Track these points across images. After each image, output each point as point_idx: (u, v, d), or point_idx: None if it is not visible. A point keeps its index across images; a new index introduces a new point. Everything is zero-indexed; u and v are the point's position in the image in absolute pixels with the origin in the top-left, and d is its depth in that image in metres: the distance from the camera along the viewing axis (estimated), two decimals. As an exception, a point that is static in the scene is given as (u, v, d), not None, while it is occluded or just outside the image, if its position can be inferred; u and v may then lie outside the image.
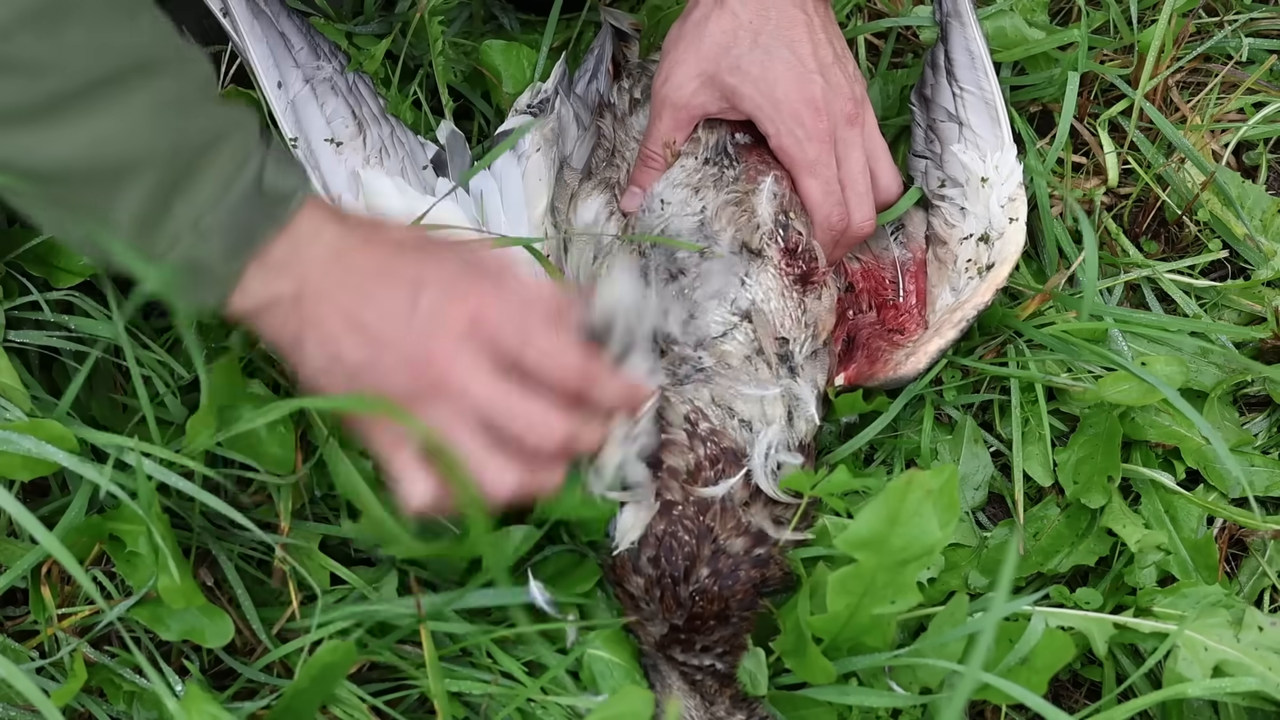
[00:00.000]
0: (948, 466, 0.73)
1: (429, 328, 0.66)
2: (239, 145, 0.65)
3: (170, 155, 0.62)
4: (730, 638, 0.78)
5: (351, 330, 0.66)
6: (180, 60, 0.64)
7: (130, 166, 0.61)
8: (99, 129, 0.60)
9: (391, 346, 0.66)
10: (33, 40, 0.58)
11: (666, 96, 0.90)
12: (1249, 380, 0.96)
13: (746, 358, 0.81)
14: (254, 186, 0.65)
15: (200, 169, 0.63)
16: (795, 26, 0.87)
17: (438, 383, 0.66)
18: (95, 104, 0.60)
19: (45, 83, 0.59)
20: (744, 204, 0.86)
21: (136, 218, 0.62)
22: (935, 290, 0.95)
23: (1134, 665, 0.85)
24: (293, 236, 0.66)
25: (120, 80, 0.60)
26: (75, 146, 0.60)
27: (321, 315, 0.67)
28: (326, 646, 0.73)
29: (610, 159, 0.97)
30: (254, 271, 0.66)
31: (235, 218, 0.64)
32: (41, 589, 0.78)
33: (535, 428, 0.67)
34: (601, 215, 0.90)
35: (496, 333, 0.67)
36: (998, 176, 0.95)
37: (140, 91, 0.61)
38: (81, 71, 0.59)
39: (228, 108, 0.66)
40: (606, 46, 1.05)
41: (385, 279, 0.67)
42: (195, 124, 0.63)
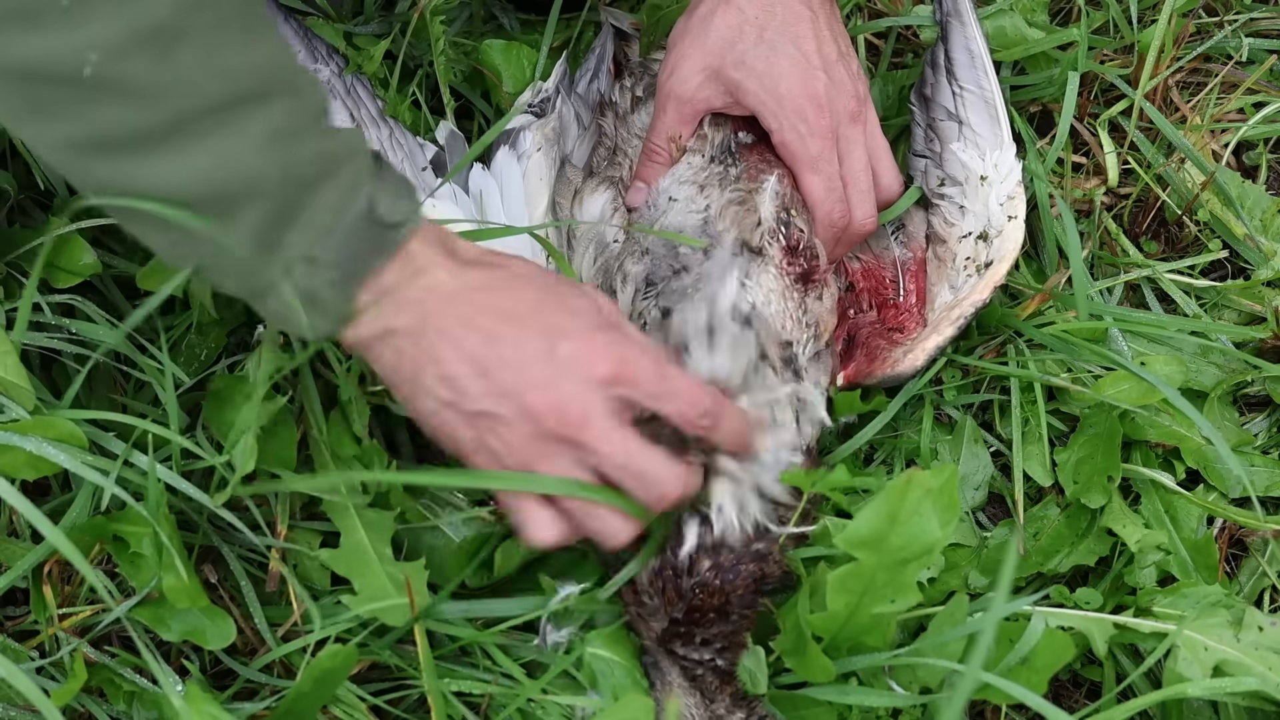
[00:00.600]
0: (948, 466, 0.73)
1: (565, 380, 0.66)
2: (351, 174, 0.64)
3: (282, 183, 0.61)
4: (730, 634, 0.78)
5: (476, 373, 0.66)
6: (294, 86, 0.63)
7: (243, 195, 0.61)
8: (211, 157, 0.59)
9: (519, 397, 0.65)
10: (147, 63, 0.56)
11: (671, 90, 0.90)
12: (1249, 380, 0.96)
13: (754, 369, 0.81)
14: (365, 215, 0.64)
15: (313, 197, 0.63)
16: (800, 22, 0.87)
17: (566, 438, 0.66)
18: (208, 131, 0.59)
19: (158, 108, 0.58)
20: (747, 203, 0.86)
21: (249, 246, 0.62)
22: (934, 288, 0.95)
23: (1134, 665, 0.85)
24: (406, 267, 0.65)
25: (234, 106, 0.59)
26: (187, 174, 0.59)
27: (441, 354, 0.66)
28: (327, 651, 0.73)
29: (612, 157, 0.97)
30: (368, 301, 0.65)
31: (347, 247, 0.63)
32: (43, 588, 0.78)
33: (655, 491, 0.68)
34: (607, 211, 0.90)
35: (635, 382, 0.67)
36: (997, 175, 0.95)
37: (254, 118, 0.60)
38: (194, 96, 0.58)
39: (340, 135, 0.65)
40: (608, 46, 1.05)
41: (516, 323, 0.67)
42: (308, 152, 0.62)
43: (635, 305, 0.84)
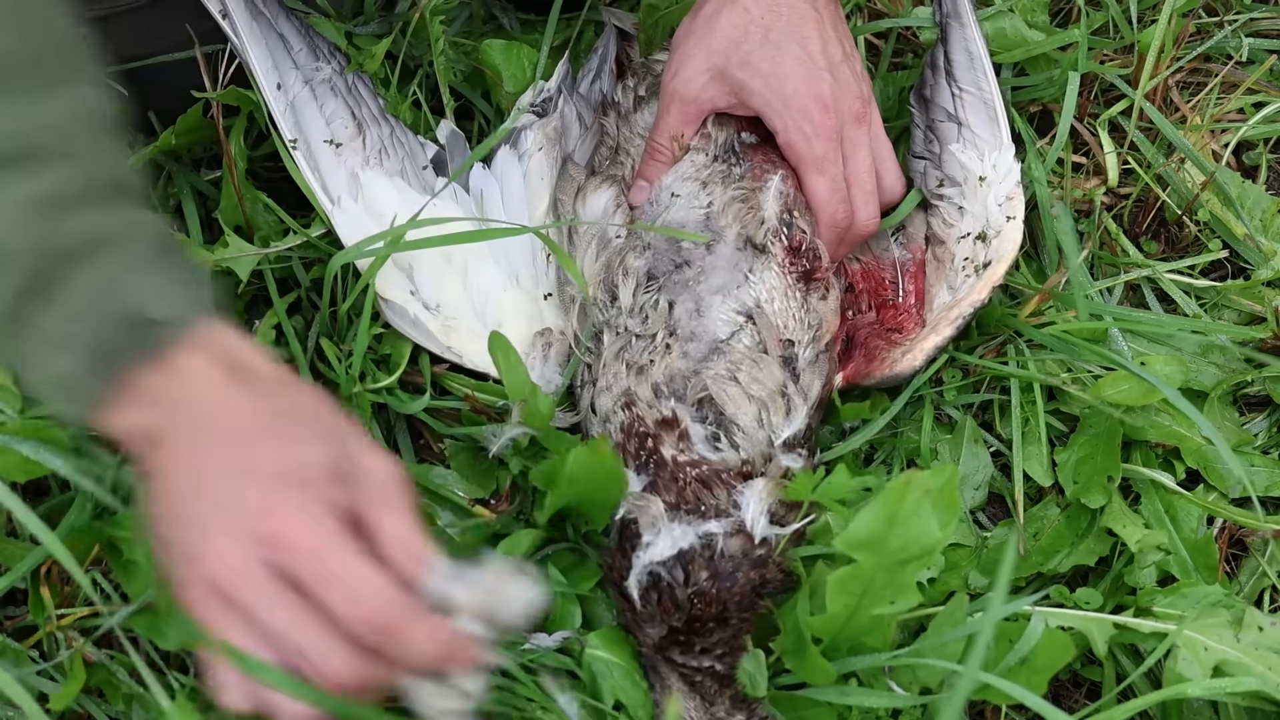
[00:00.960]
0: (947, 466, 0.73)
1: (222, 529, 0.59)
2: (119, 261, 0.60)
3: (35, 256, 0.58)
4: (729, 639, 0.78)
5: (176, 497, 0.61)
6: (81, 154, 0.59)
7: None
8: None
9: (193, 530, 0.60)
10: None
11: (676, 90, 0.90)
12: (1249, 380, 0.96)
13: (753, 361, 0.81)
14: (125, 310, 0.59)
15: (69, 279, 0.58)
16: (806, 23, 0.87)
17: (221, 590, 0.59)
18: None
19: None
20: (750, 201, 0.87)
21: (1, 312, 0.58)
22: (933, 289, 0.95)
23: (1134, 665, 0.85)
24: (168, 371, 0.61)
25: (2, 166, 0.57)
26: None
27: (166, 467, 0.61)
28: None
29: (614, 157, 0.97)
30: (123, 398, 0.61)
31: (99, 339, 0.59)
32: (41, 589, 0.78)
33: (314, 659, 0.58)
34: (610, 208, 0.90)
35: (298, 551, 0.59)
36: (995, 175, 0.95)
37: (19, 184, 0.57)
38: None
39: (122, 215, 0.61)
40: (610, 46, 1.06)
41: (222, 454, 0.61)
42: (75, 227, 0.58)
43: (637, 299, 0.84)
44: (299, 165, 0.89)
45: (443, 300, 0.89)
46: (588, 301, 0.86)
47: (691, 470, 0.78)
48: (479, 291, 0.90)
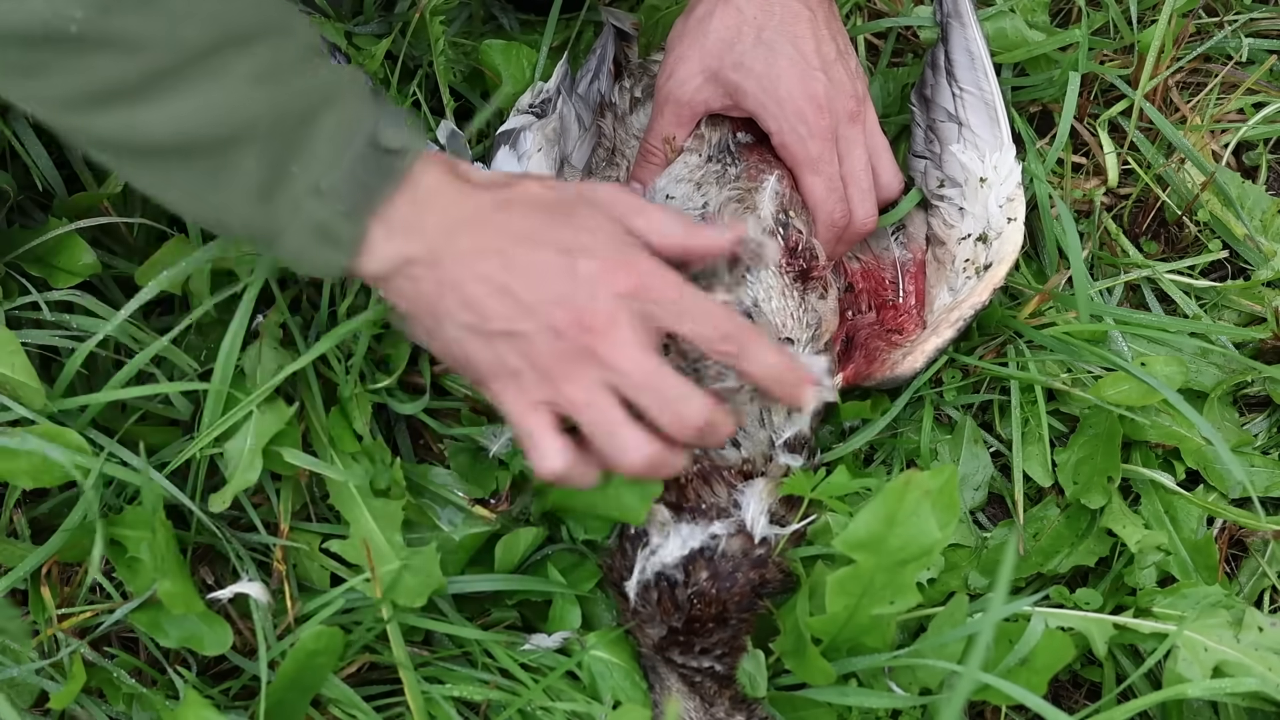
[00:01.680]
0: (947, 467, 0.73)
1: (587, 295, 0.65)
2: (349, 103, 0.64)
3: (276, 120, 0.62)
4: (729, 640, 0.78)
5: (498, 295, 0.66)
6: (280, 26, 0.63)
7: (237, 137, 0.61)
8: (199, 101, 0.60)
9: (542, 313, 0.65)
10: (130, 14, 0.57)
11: (670, 93, 0.90)
12: (1249, 381, 0.96)
13: None
14: (368, 143, 0.64)
15: (310, 133, 0.63)
16: (799, 22, 0.87)
17: (589, 351, 0.66)
18: (194, 77, 0.60)
19: (144, 58, 0.58)
20: (745, 201, 0.86)
21: (254, 187, 0.63)
22: (933, 290, 0.95)
23: (1134, 666, 0.85)
24: (415, 193, 0.66)
25: (218, 51, 0.60)
26: (178, 121, 0.60)
27: (461, 278, 0.66)
28: (310, 633, 0.73)
29: (611, 158, 0.97)
30: (380, 232, 0.65)
31: (353, 176, 0.64)
32: (41, 590, 0.78)
33: (677, 414, 0.67)
34: None
35: (656, 305, 0.66)
36: (996, 176, 0.95)
37: (238, 61, 0.61)
38: (179, 44, 0.59)
39: (333, 70, 0.65)
40: (609, 47, 1.05)
41: (534, 244, 0.66)
42: (298, 90, 0.63)
43: None
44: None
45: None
46: None
47: (693, 466, 0.78)
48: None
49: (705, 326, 0.68)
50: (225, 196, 0.63)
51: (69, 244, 0.83)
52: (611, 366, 0.66)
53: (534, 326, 0.66)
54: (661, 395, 0.67)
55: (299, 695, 0.76)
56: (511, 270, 0.66)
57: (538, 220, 0.68)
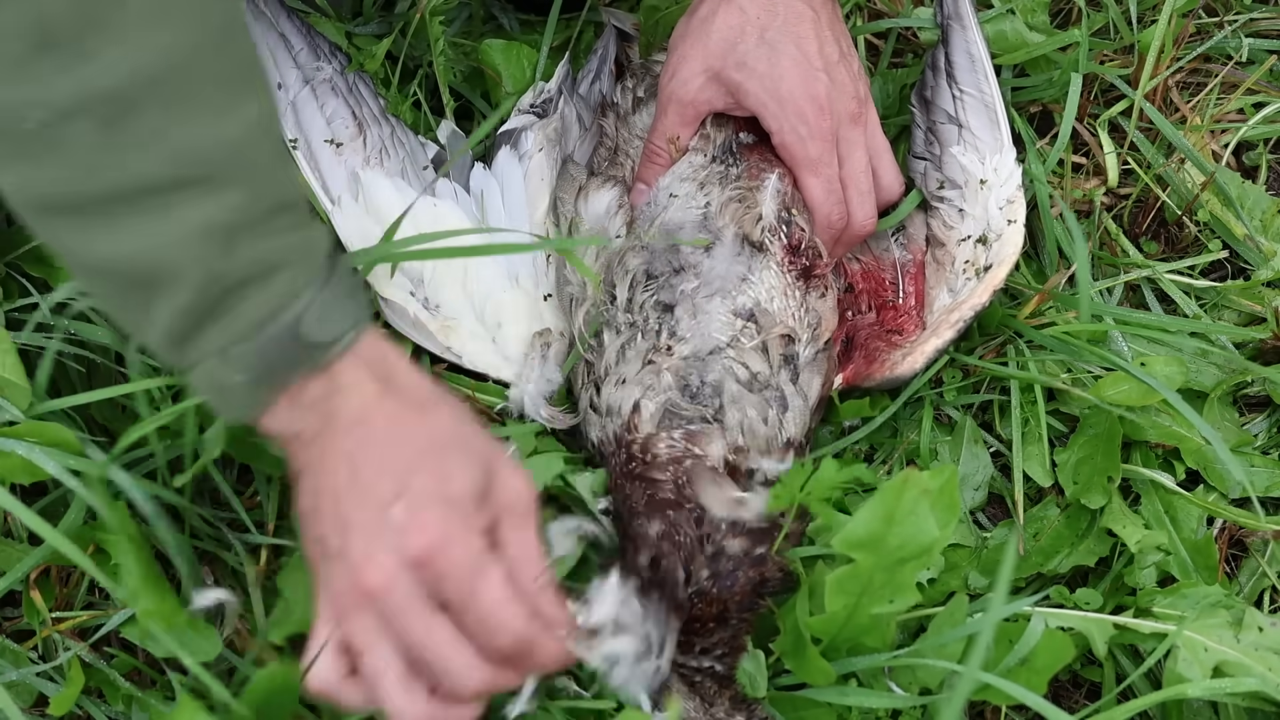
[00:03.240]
0: (947, 467, 0.73)
1: (382, 540, 0.63)
2: (285, 284, 0.62)
3: (206, 283, 0.60)
4: (729, 639, 0.78)
5: (330, 503, 0.65)
6: (256, 176, 0.61)
7: (166, 281, 0.59)
8: (137, 238, 0.58)
9: (346, 540, 0.64)
10: (91, 130, 0.55)
11: (673, 92, 0.90)
12: (1249, 381, 0.96)
13: (753, 360, 0.81)
14: (290, 331, 0.62)
15: (236, 302, 0.61)
16: (802, 22, 0.87)
17: (370, 598, 0.64)
18: (140, 210, 0.57)
19: (94, 179, 0.56)
20: (747, 200, 0.87)
21: (167, 328, 0.61)
22: (933, 291, 0.95)
23: (1134, 666, 0.85)
24: (331, 382, 0.65)
25: (172, 190, 0.57)
26: (112, 250, 0.58)
27: (321, 471, 0.66)
28: (264, 672, 0.70)
29: (613, 158, 0.97)
30: (284, 402, 0.65)
31: (263, 356, 0.62)
32: (32, 593, 0.78)
33: (456, 673, 0.64)
34: (612, 208, 0.90)
35: (446, 573, 0.64)
36: (996, 179, 0.95)
37: (196, 206, 0.58)
38: (134, 174, 0.56)
39: (291, 237, 0.63)
40: (610, 47, 1.06)
41: (383, 470, 0.65)
42: (244, 255, 0.60)
43: (636, 298, 0.84)
44: (299, 164, 0.89)
45: (442, 301, 0.89)
46: (597, 297, 0.86)
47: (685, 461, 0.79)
48: (479, 292, 0.90)
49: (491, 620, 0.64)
50: (139, 326, 0.63)
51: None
52: (392, 625, 0.64)
53: (338, 550, 0.65)
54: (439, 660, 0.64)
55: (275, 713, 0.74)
56: (351, 485, 0.64)
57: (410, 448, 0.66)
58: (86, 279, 0.64)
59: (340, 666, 0.66)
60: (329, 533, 0.65)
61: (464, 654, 0.64)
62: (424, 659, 0.64)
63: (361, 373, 0.66)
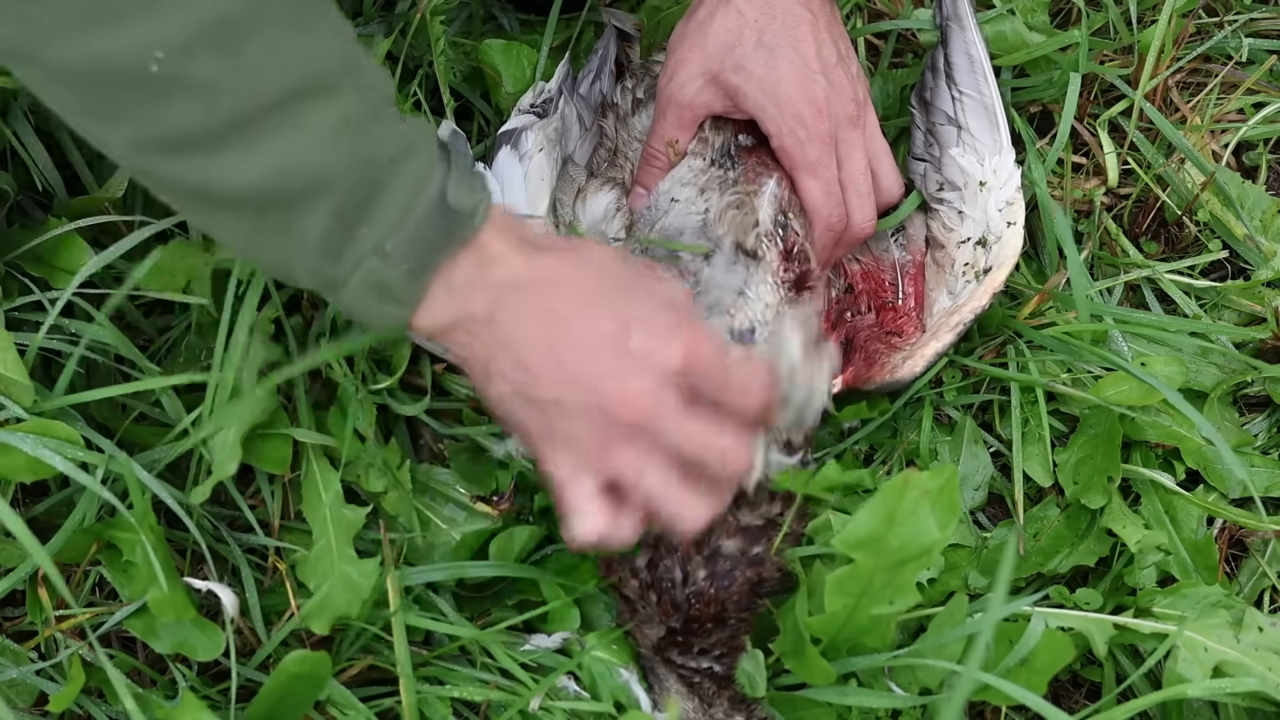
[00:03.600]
0: (947, 467, 0.73)
1: (636, 371, 0.65)
2: (421, 163, 0.63)
3: (352, 177, 0.60)
4: (728, 640, 0.78)
5: (548, 360, 0.65)
6: (359, 76, 0.61)
7: (312, 190, 0.60)
8: (278, 153, 0.58)
9: (592, 385, 0.65)
10: (212, 59, 0.55)
11: (671, 95, 0.90)
12: (1249, 381, 0.96)
13: None
14: (437, 205, 0.63)
15: (383, 189, 0.62)
16: (800, 25, 0.87)
17: (639, 423, 0.65)
18: (275, 126, 0.58)
19: (224, 105, 0.56)
20: (745, 206, 0.86)
21: (320, 241, 0.61)
22: (932, 294, 0.95)
23: (1134, 666, 0.85)
24: (479, 255, 0.65)
25: (300, 100, 0.58)
26: (255, 171, 0.58)
27: (516, 341, 0.65)
28: (294, 656, 0.71)
29: (613, 159, 0.97)
30: (439, 290, 0.65)
31: (419, 237, 0.63)
32: (39, 591, 0.78)
33: (727, 460, 0.67)
34: (611, 210, 0.90)
35: (703, 372, 0.66)
36: (996, 181, 0.95)
37: (320, 112, 0.59)
38: (260, 92, 0.57)
39: (408, 124, 0.64)
40: (611, 47, 1.05)
41: (588, 311, 0.66)
42: (376, 143, 0.61)
43: None
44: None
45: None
46: None
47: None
48: (479, 292, 0.90)
49: (744, 398, 0.68)
50: (290, 249, 0.62)
51: (69, 244, 0.83)
52: (662, 439, 0.66)
53: (582, 399, 0.65)
54: (712, 452, 0.67)
55: (288, 711, 0.75)
56: (563, 338, 0.65)
57: (594, 287, 0.67)
58: (221, 217, 0.62)
59: (606, 513, 0.67)
60: (559, 392, 0.65)
61: (729, 439, 0.67)
62: (698, 458, 0.67)
63: (508, 238, 0.66)
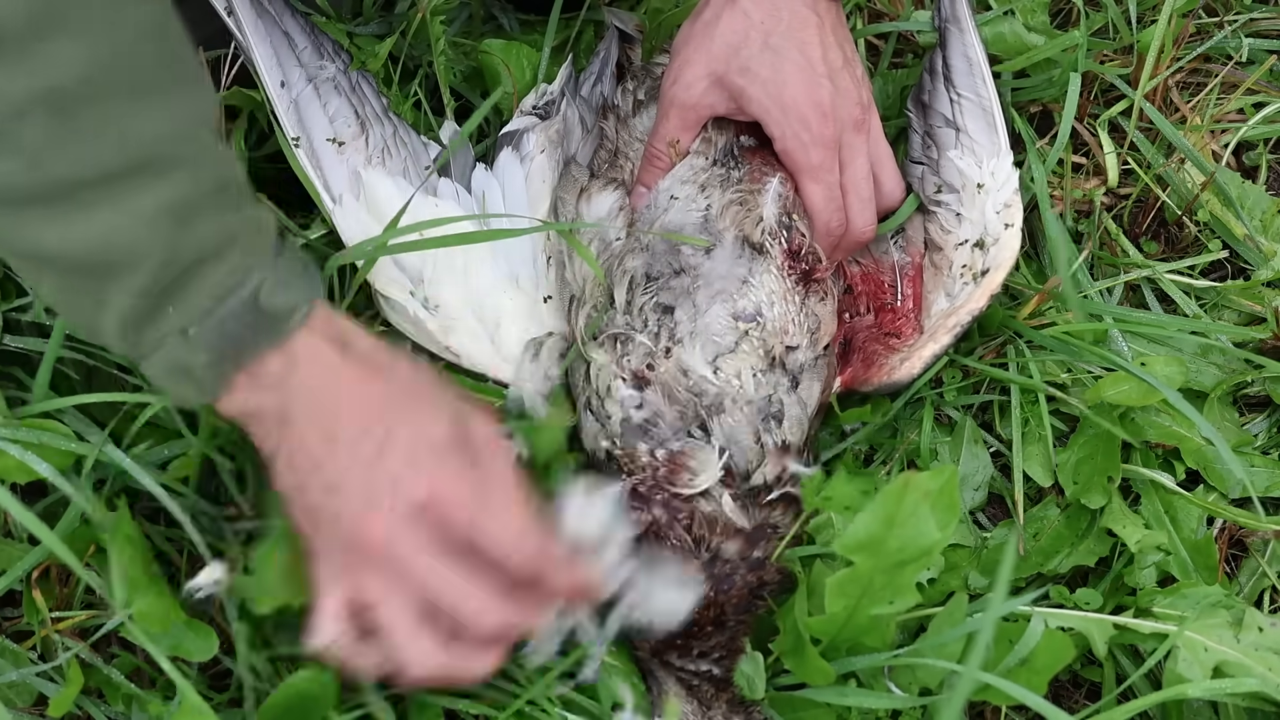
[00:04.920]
0: (947, 468, 0.73)
1: (379, 494, 0.65)
2: (240, 257, 0.63)
3: (165, 262, 0.60)
4: (727, 643, 0.78)
5: (316, 468, 0.65)
6: (200, 158, 0.62)
7: (122, 266, 0.60)
8: (96, 227, 0.58)
9: (343, 500, 0.65)
10: (42, 125, 0.55)
11: (675, 96, 0.90)
12: (1249, 381, 0.96)
13: (753, 364, 0.81)
14: (249, 303, 0.63)
15: (195, 279, 0.62)
16: (807, 28, 0.87)
17: (379, 549, 0.65)
18: (96, 201, 0.58)
19: (46, 171, 0.57)
20: (748, 203, 0.86)
21: (125, 315, 0.61)
22: (930, 295, 0.95)
23: (1134, 666, 0.85)
24: (288, 355, 0.65)
25: (127, 177, 0.58)
26: (69, 238, 0.58)
27: (297, 442, 0.66)
28: (302, 675, 0.71)
29: (613, 160, 0.97)
30: (244, 381, 0.65)
31: (224, 331, 0.63)
32: (33, 592, 0.78)
33: (473, 613, 0.65)
34: (614, 210, 0.90)
35: (449, 512, 0.65)
36: (994, 183, 0.94)
37: (145, 192, 0.59)
38: (87, 165, 0.57)
39: (240, 213, 0.64)
40: (613, 49, 1.05)
41: (359, 429, 0.65)
42: (198, 232, 0.61)
43: (635, 300, 0.84)
44: (301, 163, 0.89)
45: (442, 300, 0.89)
46: (599, 299, 0.86)
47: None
48: (479, 292, 0.90)
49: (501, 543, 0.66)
50: (99, 315, 0.62)
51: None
52: (402, 570, 0.65)
53: (336, 512, 0.65)
54: (455, 602, 0.65)
55: None
56: (332, 451, 0.65)
57: (381, 404, 0.67)
58: (35, 273, 0.63)
59: (348, 629, 0.66)
60: (318, 501, 0.66)
61: (478, 593, 0.65)
62: (439, 604, 0.65)
63: (319, 343, 0.66)
